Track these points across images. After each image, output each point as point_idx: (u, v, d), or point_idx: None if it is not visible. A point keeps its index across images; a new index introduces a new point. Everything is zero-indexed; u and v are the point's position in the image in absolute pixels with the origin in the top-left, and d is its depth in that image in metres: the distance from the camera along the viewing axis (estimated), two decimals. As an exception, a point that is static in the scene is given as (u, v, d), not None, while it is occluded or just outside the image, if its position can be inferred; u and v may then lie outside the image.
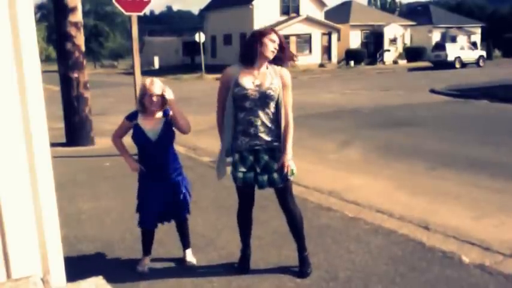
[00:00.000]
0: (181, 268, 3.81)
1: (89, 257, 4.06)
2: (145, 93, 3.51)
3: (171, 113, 3.59)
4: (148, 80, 3.59)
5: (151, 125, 3.57)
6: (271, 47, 3.31)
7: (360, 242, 4.21)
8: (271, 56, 3.33)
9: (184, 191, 3.72)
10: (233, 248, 3.99)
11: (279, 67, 3.42)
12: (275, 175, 3.39)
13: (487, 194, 5.70)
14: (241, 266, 3.71)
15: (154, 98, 3.51)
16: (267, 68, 3.39)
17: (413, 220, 4.77)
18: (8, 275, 2.29)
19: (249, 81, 3.33)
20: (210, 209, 5.18)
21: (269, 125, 3.36)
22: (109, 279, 2.59)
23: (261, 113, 3.34)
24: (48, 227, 2.36)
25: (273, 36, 3.33)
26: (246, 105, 3.33)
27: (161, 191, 3.61)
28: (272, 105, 3.35)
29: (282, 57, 3.41)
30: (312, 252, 3.81)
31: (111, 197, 5.79)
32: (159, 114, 3.61)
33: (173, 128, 3.64)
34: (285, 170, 3.37)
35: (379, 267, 3.72)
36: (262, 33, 3.36)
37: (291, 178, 3.46)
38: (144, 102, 3.54)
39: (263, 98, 3.31)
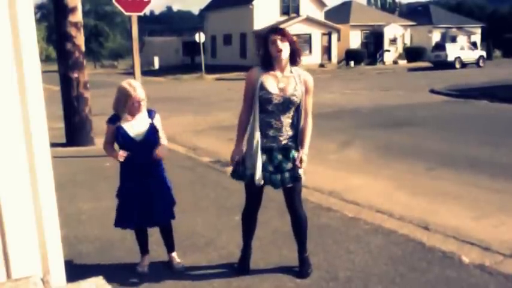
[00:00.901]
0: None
1: (89, 257, 4.06)
2: (131, 102, 3.46)
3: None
4: (129, 87, 3.48)
5: (137, 127, 3.54)
6: (273, 48, 3.29)
7: (359, 242, 4.21)
8: (279, 56, 3.28)
9: (167, 192, 3.69)
10: (233, 248, 3.99)
11: (304, 73, 3.41)
12: (286, 174, 3.39)
13: (487, 194, 5.70)
14: (241, 266, 3.71)
15: (142, 103, 3.49)
16: (291, 71, 3.38)
17: (413, 220, 4.77)
18: (8, 275, 2.29)
19: (273, 85, 3.33)
20: (210, 209, 5.18)
21: (287, 127, 3.39)
22: (109, 279, 2.59)
23: (281, 117, 3.36)
24: (48, 227, 2.36)
25: (273, 36, 3.29)
26: (268, 108, 3.34)
27: (144, 191, 3.57)
28: (293, 109, 3.37)
29: (295, 54, 3.38)
30: (312, 252, 3.81)
31: (111, 197, 5.74)
32: (145, 116, 3.58)
33: (158, 132, 3.62)
34: (299, 164, 3.38)
35: (379, 267, 3.72)
36: (265, 36, 3.35)
37: (301, 174, 3.46)
38: (130, 109, 3.49)
39: (286, 104, 3.33)
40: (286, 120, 3.37)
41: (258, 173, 3.34)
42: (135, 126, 3.54)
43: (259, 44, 3.42)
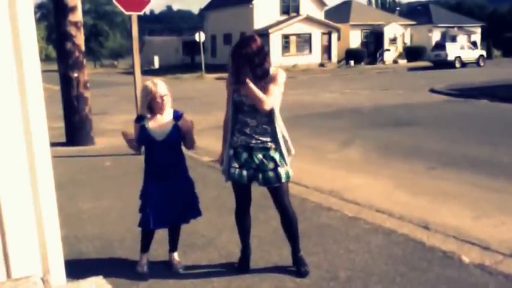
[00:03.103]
0: (181, 268, 3.80)
1: (89, 257, 4.06)
2: (153, 97, 3.48)
3: (181, 121, 3.60)
4: (150, 83, 3.54)
5: (159, 126, 3.56)
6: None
7: (360, 242, 4.21)
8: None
9: (189, 192, 3.71)
10: (233, 248, 3.99)
11: (276, 68, 3.44)
12: (270, 173, 3.41)
13: (487, 193, 5.70)
14: (241, 266, 3.71)
15: (164, 98, 3.52)
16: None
17: (413, 220, 4.77)
18: (8, 275, 2.29)
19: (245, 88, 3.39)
20: (211, 209, 5.17)
21: (265, 126, 3.42)
22: (109, 279, 2.59)
23: (257, 116, 3.40)
24: (48, 227, 2.36)
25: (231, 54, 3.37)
26: (244, 109, 3.43)
27: (166, 191, 3.58)
28: None
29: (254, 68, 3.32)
30: (312, 252, 3.81)
31: (111, 197, 5.79)
32: (169, 116, 3.59)
33: (180, 133, 3.62)
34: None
35: (379, 267, 3.72)
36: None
37: (284, 175, 3.46)
38: (152, 105, 3.51)
39: None
40: (262, 118, 3.41)
41: (225, 173, 3.52)
42: (158, 126, 3.55)
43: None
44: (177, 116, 3.61)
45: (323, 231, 4.50)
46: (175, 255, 3.85)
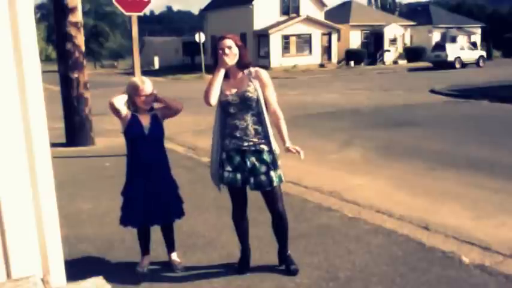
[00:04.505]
0: (181, 268, 3.80)
1: (89, 257, 4.06)
2: (138, 94, 3.54)
3: (156, 105, 3.65)
4: (138, 81, 3.59)
5: (143, 119, 3.61)
6: (221, 55, 3.35)
7: (360, 242, 4.21)
8: (228, 62, 3.34)
9: (174, 192, 3.72)
10: (233, 248, 3.99)
11: (256, 69, 3.46)
12: (262, 177, 3.41)
13: (487, 194, 5.70)
14: (241, 266, 3.71)
15: (149, 97, 3.58)
16: (244, 73, 3.44)
17: (413, 220, 4.77)
18: (8, 275, 2.29)
19: (229, 89, 3.43)
20: (210, 209, 5.18)
21: (255, 126, 3.42)
22: (109, 279, 2.59)
23: (245, 116, 3.41)
24: (48, 227, 2.36)
25: (220, 44, 3.37)
26: (230, 111, 3.43)
27: (149, 191, 3.58)
28: (254, 106, 3.40)
29: (243, 61, 3.41)
30: (312, 252, 3.81)
31: (111, 197, 5.76)
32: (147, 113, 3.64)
33: (162, 125, 3.67)
34: (296, 151, 3.38)
35: (379, 267, 3.72)
36: (216, 45, 3.41)
37: (276, 179, 3.46)
38: (136, 102, 3.56)
39: (243, 102, 3.39)
40: (251, 118, 3.41)
41: (215, 179, 3.56)
42: (142, 119, 3.60)
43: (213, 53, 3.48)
44: (151, 108, 3.64)
45: (323, 231, 4.50)
46: (175, 255, 3.85)
